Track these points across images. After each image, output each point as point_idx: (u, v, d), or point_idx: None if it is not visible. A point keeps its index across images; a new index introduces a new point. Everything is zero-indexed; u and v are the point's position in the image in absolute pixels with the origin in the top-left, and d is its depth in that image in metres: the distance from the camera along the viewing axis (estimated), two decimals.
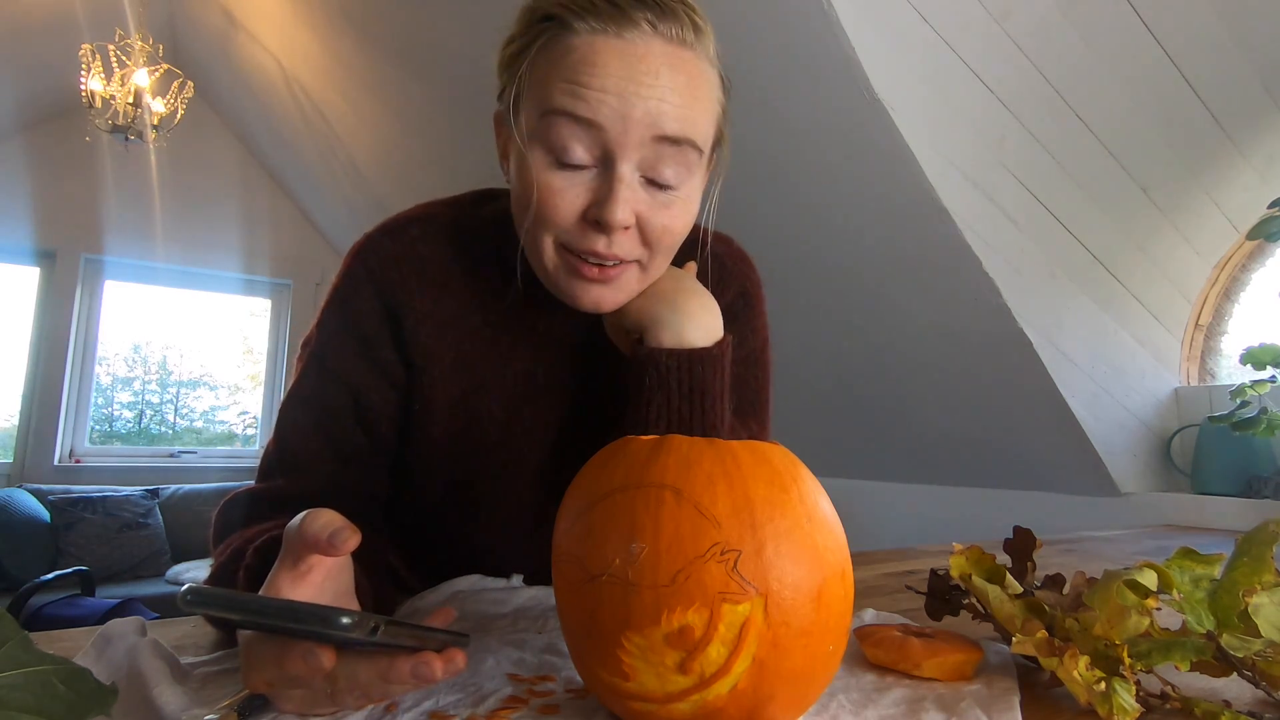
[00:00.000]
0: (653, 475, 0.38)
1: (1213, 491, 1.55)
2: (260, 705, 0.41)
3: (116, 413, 4.70)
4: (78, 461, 4.27)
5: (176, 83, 3.50)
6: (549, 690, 0.45)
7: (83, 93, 3.19)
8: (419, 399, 0.68)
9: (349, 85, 3.39)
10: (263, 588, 0.40)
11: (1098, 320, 1.62)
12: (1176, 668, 0.41)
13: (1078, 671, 0.41)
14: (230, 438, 4.98)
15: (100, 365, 4.53)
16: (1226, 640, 0.41)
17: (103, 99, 3.24)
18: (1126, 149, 1.48)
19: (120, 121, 3.27)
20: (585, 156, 0.54)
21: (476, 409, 0.69)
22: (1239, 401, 1.43)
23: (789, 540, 0.36)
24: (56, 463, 4.16)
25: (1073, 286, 1.57)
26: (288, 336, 4.91)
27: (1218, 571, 0.45)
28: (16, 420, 4.18)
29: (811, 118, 1.49)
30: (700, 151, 0.57)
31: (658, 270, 0.62)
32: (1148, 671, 0.44)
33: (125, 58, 3.29)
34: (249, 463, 4.70)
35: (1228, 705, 0.41)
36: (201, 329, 4.93)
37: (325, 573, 0.40)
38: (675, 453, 0.39)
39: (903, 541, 1.31)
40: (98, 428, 4.54)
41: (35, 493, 3.69)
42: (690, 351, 0.61)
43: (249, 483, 0.65)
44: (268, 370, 4.96)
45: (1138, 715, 0.40)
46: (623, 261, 0.58)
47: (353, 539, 0.38)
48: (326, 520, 0.39)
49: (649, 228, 0.57)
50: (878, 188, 1.49)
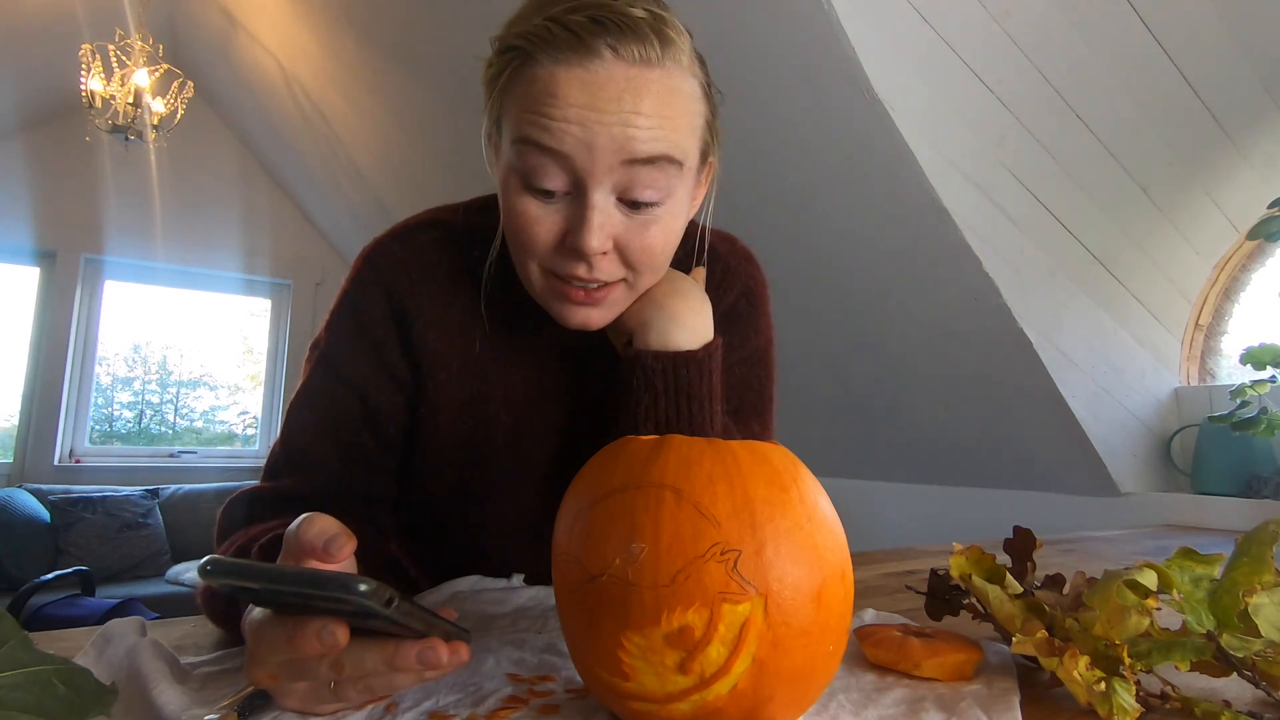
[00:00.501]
0: (653, 475, 0.38)
1: (1213, 491, 1.55)
2: (261, 705, 0.41)
3: (116, 413, 4.70)
4: (78, 461, 4.27)
5: (176, 83, 3.50)
6: (549, 690, 0.45)
7: (83, 93, 3.19)
8: (426, 402, 0.69)
9: (349, 85, 3.39)
10: None
11: (1098, 320, 1.62)
12: (1176, 668, 0.41)
13: (1078, 671, 0.41)
14: (230, 438, 4.98)
15: (100, 365, 4.53)
16: (1226, 640, 0.41)
17: (103, 99, 3.24)
18: (1126, 149, 1.48)
19: (120, 121, 3.27)
20: (558, 184, 0.54)
21: (483, 413, 0.70)
22: (1239, 401, 1.43)
23: (789, 540, 0.36)
24: (56, 463, 4.16)
25: (1073, 286, 1.57)
26: (288, 336, 4.91)
27: (1218, 571, 0.45)
28: (16, 420, 4.18)
29: (811, 118, 1.49)
30: (679, 164, 0.55)
31: (647, 285, 0.62)
32: (1148, 671, 0.44)
33: (125, 58, 3.29)
34: (249, 463, 4.71)
35: (1228, 705, 0.41)
36: (201, 329, 4.93)
37: None
38: (675, 453, 0.39)
39: (903, 541, 1.31)
40: (98, 428, 4.54)
41: (35, 493, 3.69)
42: (675, 354, 0.61)
43: (249, 483, 0.66)
44: (268, 370, 4.96)
45: (1138, 715, 0.40)
46: (607, 284, 0.58)
47: (348, 546, 0.38)
48: (322, 527, 0.39)
49: (629, 250, 0.57)
50: (878, 188, 1.49)
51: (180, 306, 4.83)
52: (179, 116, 3.54)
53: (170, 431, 4.85)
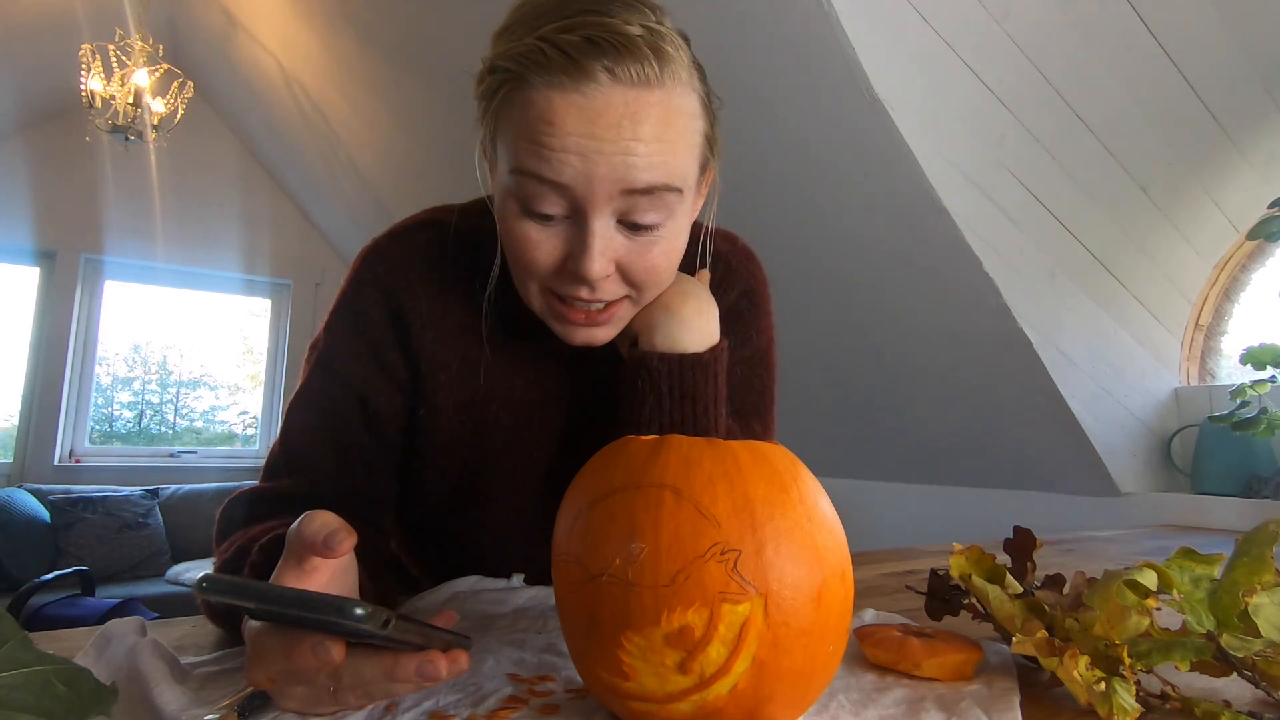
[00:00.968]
0: (653, 475, 0.38)
1: (1213, 491, 1.55)
2: (260, 705, 0.41)
3: (116, 413, 4.70)
4: (78, 461, 4.27)
5: (176, 83, 3.50)
6: (549, 690, 0.45)
7: (83, 93, 3.19)
8: (425, 403, 0.68)
9: (349, 85, 3.40)
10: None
11: (1098, 320, 1.62)
12: (1176, 668, 0.41)
13: (1078, 671, 0.41)
14: (230, 438, 4.98)
15: (100, 365, 4.53)
16: (1226, 640, 0.41)
17: (103, 99, 3.24)
18: (1126, 149, 1.48)
19: (120, 121, 3.28)
20: (557, 210, 0.53)
21: (483, 415, 0.70)
22: (1239, 401, 1.43)
23: (789, 540, 0.36)
24: (56, 463, 4.16)
25: (1073, 286, 1.57)
26: (288, 336, 4.91)
27: (1218, 571, 0.45)
28: (16, 420, 4.18)
29: (812, 118, 1.49)
30: (679, 191, 0.54)
31: (651, 299, 0.61)
32: (1148, 671, 0.44)
33: (125, 58, 3.29)
34: (249, 463, 4.71)
35: (1228, 705, 0.41)
36: (201, 329, 4.94)
37: (330, 572, 0.41)
38: (675, 453, 0.39)
39: (903, 541, 1.31)
40: (98, 428, 4.54)
41: (35, 493, 3.69)
42: (682, 357, 0.61)
43: (249, 483, 0.66)
44: (268, 370, 4.96)
45: (1138, 715, 0.40)
46: (610, 303, 0.58)
47: (348, 541, 0.38)
48: (323, 522, 0.39)
49: (631, 270, 0.56)
50: (878, 188, 1.49)
51: (180, 306, 4.84)
52: (179, 116, 3.55)
53: (170, 431, 4.85)
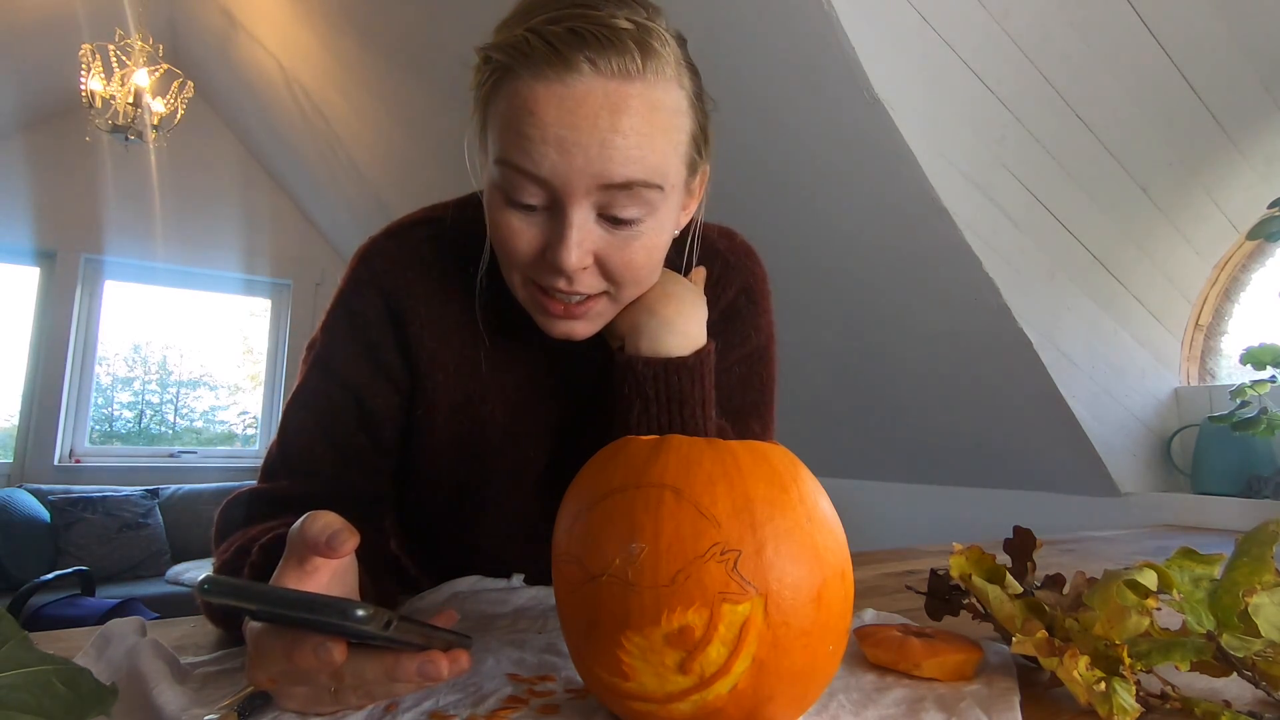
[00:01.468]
0: (653, 475, 0.38)
1: (1213, 491, 1.55)
2: (260, 705, 0.41)
3: (116, 413, 4.70)
4: (78, 461, 4.27)
5: (176, 83, 3.50)
6: (549, 690, 0.45)
7: (83, 93, 3.19)
8: (422, 402, 0.68)
9: (349, 85, 3.39)
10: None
11: (1098, 320, 1.62)
12: (1176, 668, 0.41)
13: (1078, 671, 0.41)
14: (230, 438, 4.98)
15: (100, 365, 4.53)
16: (1226, 640, 0.41)
17: (103, 99, 3.24)
18: (1126, 149, 1.48)
19: (120, 121, 3.28)
20: (538, 200, 0.54)
21: (479, 413, 0.70)
22: (1239, 401, 1.43)
23: (789, 540, 0.36)
24: (56, 463, 4.16)
25: (1073, 286, 1.57)
26: (288, 336, 4.91)
27: (1218, 571, 0.45)
28: (16, 420, 4.18)
29: (812, 118, 1.49)
30: (659, 188, 0.54)
31: (631, 297, 0.61)
32: (1148, 671, 0.44)
33: (125, 58, 3.29)
34: (249, 463, 4.71)
35: (1228, 705, 0.41)
36: (201, 329, 4.93)
37: (331, 573, 0.41)
38: (675, 453, 0.39)
39: (903, 541, 1.31)
40: (98, 428, 4.54)
41: (35, 493, 3.69)
42: (667, 361, 0.61)
43: (249, 483, 0.65)
44: (268, 370, 4.96)
45: (1138, 715, 0.40)
46: (589, 297, 0.58)
47: (351, 541, 0.38)
48: (325, 523, 0.39)
49: (609, 265, 0.56)
50: (878, 188, 1.49)
51: (180, 306, 4.84)
52: (179, 116, 3.55)
53: (170, 431, 4.85)
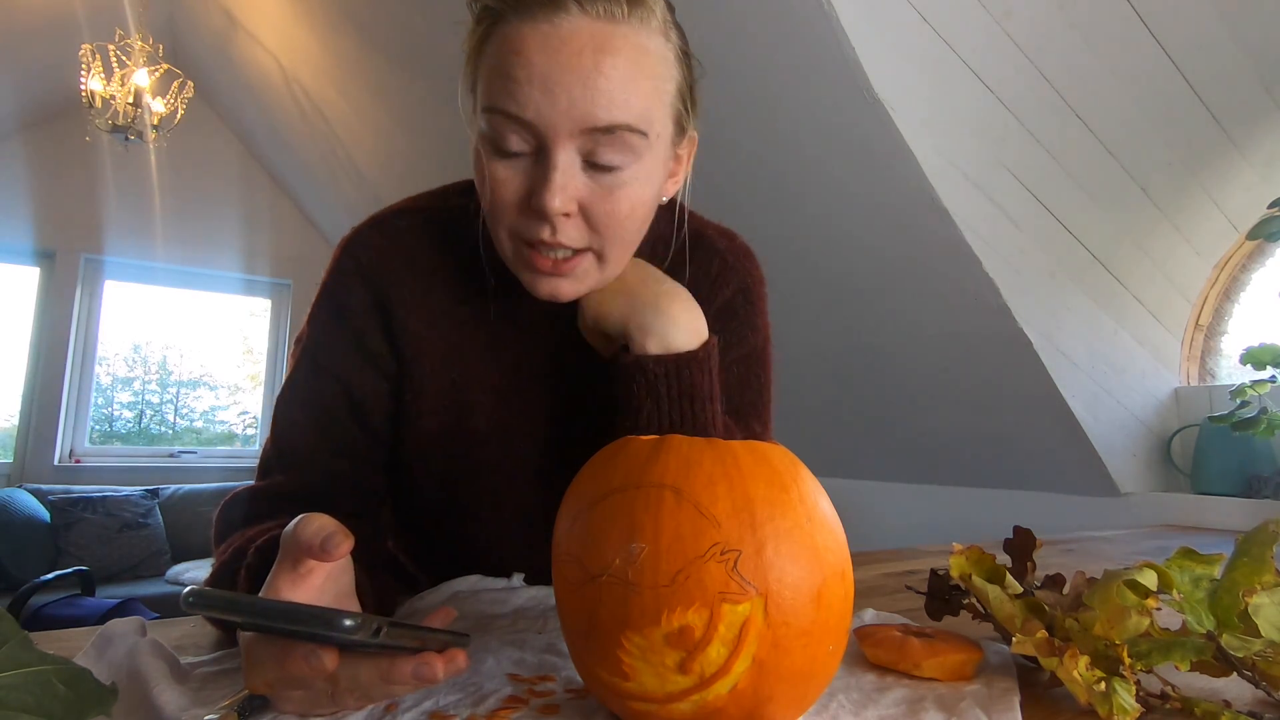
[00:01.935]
0: (653, 475, 0.38)
1: (1213, 491, 1.55)
2: (260, 705, 0.41)
3: (116, 413, 4.70)
4: (78, 461, 4.27)
5: (176, 83, 3.51)
6: (549, 690, 0.45)
7: (83, 93, 3.19)
8: (411, 391, 0.68)
9: (349, 85, 3.39)
10: (262, 590, 0.40)
11: (1098, 320, 1.62)
12: (1176, 668, 0.41)
13: (1078, 671, 0.41)
14: (230, 438, 4.98)
15: (100, 365, 4.53)
16: (1226, 640, 0.41)
17: (103, 99, 3.24)
18: (1126, 149, 1.48)
19: (120, 121, 3.28)
20: (523, 146, 0.54)
21: (467, 400, 0.69)
22: (1239, 401, 1.43)
23: (789, 540, 0.36)
24: (56, 463, 4.16)
25: (1073, 286, 1.57)
26: (288, 336, 4.92)
27: (1218, 571, 0.45)
28: (16, 420, 4.18)
29: (812, 118, 1.49)
30: (642, 134, 0.54)
31: (617, 259, 0.60)
32: (1148, 671, 0.44)
33: (125, 58, 3.29)
34: (249, 463, 4.70)
35: (1228, 705, 0.41)
36: (201, 329, 4.94)
37: (325, 574, 0.40)
38: (675, 453, 0.39)
39: (903, 541, 1.31)
40: (98, 428, 4.54)
41: (35, 493, 3.69)
42: (677, 356, 0.60)
43: (249, 482, 0.65)
44: (268, 370, 4.96)
45: (1138, 715, 0.40)
46: (575, 252, 0.57)
47: (345, 544, 0.38)
48: (319, 525, 0.39)
49: (593, 214, 0.55)
50: (878, 188, 1.49)
51: (180, 306, 4.84)
52: (179, 116, 3.55)
53: (170, 431, 4.85)
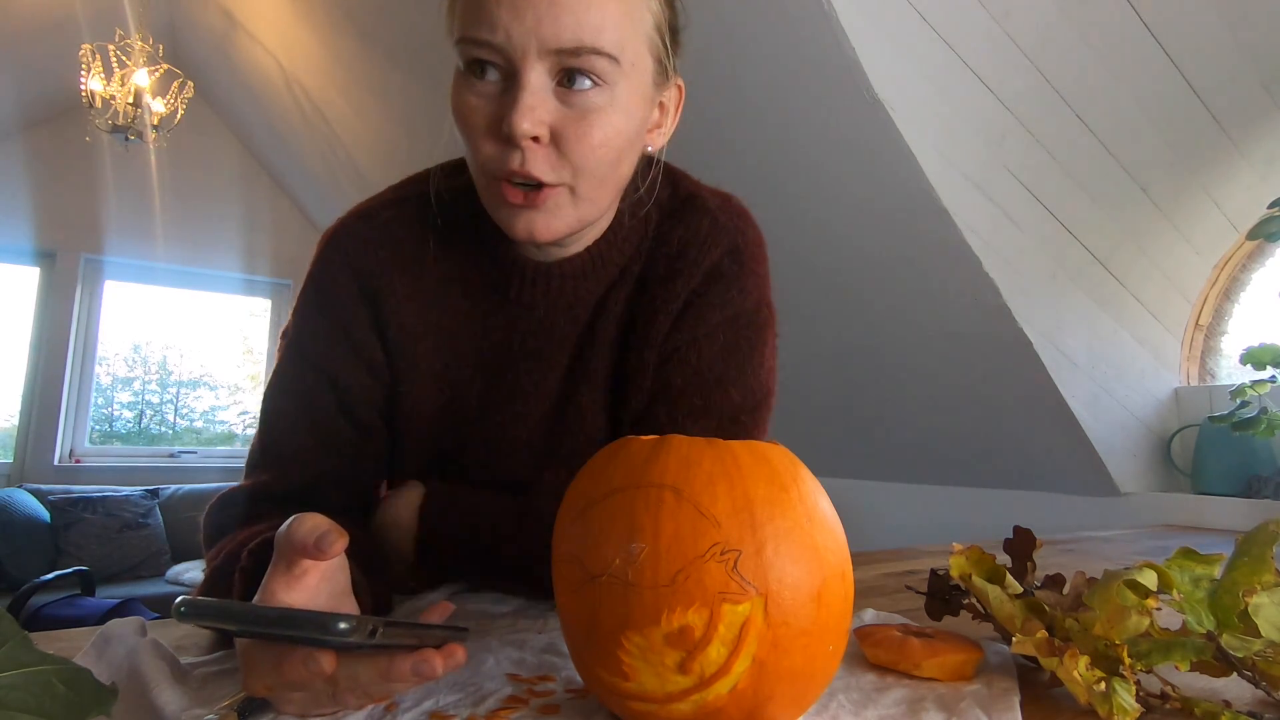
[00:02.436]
0: (653, 475, 0.38)
1: (1213, 491, 1.55)
2: (260, 705, 0.41)
3: (116, 413, 4.70)
4: (78, 461, 4.27)
5: (176, 83, 3.51)
6: (549, 690, 0.45)
7: (83, 93, 3.19)
8: (404, 378, 0.68)
9: (349, 85, 3.39)
10: (258, 593, 0.40)
11: (1098, 320, 1.62)
12: (1176, 668, 0.41)
13: (1078, 671, 0.41)
14: (230, 438, 4.98)
15: (100, 365, 4.53)
16: (1226, 640, 0.41)
17: (103, 99, 3.24)
18: (1126, 149, 1.48)
19: (120, 121, 3.28)
20: (495, 74, 0.54)
21: (458, 381, 0.69)
22: (1239, 401, 1.43)
23: (789, 540, 0.36)
24: (56, 463, 4.16)
25: (1073, 286, 1.57)
26: None
27: (1218, 571, 0.45)
28: (16, 420, 4.18)
29: (811, 118, 1.49)
30: (614, 59, 0.53)
31: (592, 195, 0.58)
32: (1148, 671, 0.44)
33: (125, 58, 3.29)
34: None
35: (1228, 705, 0.41)
36: (201, 329, 4.94)
37: (320, 574, 0.40)
38: (675, 453, 0.39)
39: (903, 541, 1.31)
40: (98, 428, 4.54)
41: (35, 493, 3.69)
42: None
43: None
44: (268, 370, 4.95)
45: (1138, 715, 0.40)
46: (546, 185, 0.55)
47: (340, 542, 0.38)
48: (313, 525, 0.38)
49: (564, 140, 0.54)
50: (878, 188, 1.49)
51: (180, 306, 4.84)
52: (179, 116, 3.55)
53: (170, 431, 4.85)
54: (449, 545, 0.66)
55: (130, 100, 3.28)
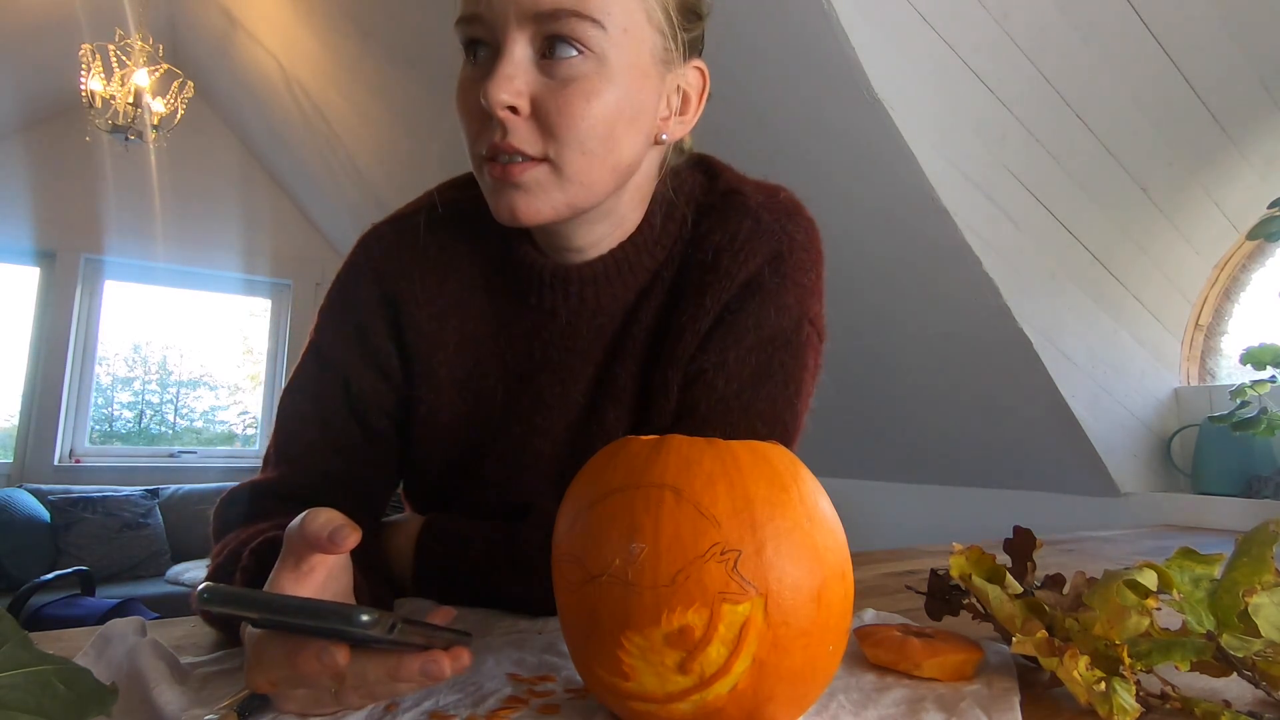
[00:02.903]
0: (653, 475, 0.38)
1: (1213, 491, 1.55)
2: (260, 705, 0.41)
3: (116, 413, 4.70)
4: (78, 461, 4.27)
5: (176, 83, 3.51)
6: (549, 690, 0.45)
7: (83, 93, 3.19)
8: (424, 386, 0.67)
9: (349, 85, 3.40)
10: (265, 589, 0.40)
11: (1098, 320, 1.62)
12: (1176, 668, 0.41)
13: (1078, 671, 0.41)
14: (230, 438, 4.98)
15: (100, 365, 4.53)
16: (1226, 640, 0.41)
17: (103, 99, 3.24)
18: (1126, 149, 1.48)
19: (120, 121, 3.28)
20: (485, 51, 0.54)
21: (479, 390, 0.68)
22: (1239, 401, 1.43)
23: (789, 540, 0.36)
24: (56, 463, 4.16)
25: (1073, 286, 1.57)
26: (288, 336, 4.91)
27: (1218, 571, 0.45)
28: (16, 420, 4.18)
29: (812, 118, 1.49)
30: (597, 24, 0.51)
31: (577, 172, 0.54)
32: (1148, 671, 0.44)
33: (125, 58, 3.29)
34: (249, 463, 4.71)
35: (1228, 705, 0.41)
36: (201, 329, 4.94)
37: (327, 573, 0.40)
38: (675, 453, 0.39)
39: (903, 541, 1.31)
40: (98, 428, 4.54)
41: (35, 493, 3.69)
42: None
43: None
44: (268, 370, 4.96)
45: (1138, 715, 0.40)
46: (527, 158, 0.53)
47: (353, 536, 0.38)
48: (327, 519, 0.39)
49: (545, 112, 0.52)
50: (878, 188, 1.49)
51: (180, 306, 4.84)
52: (179, 116, 3.55)
53: (170, 431, 4.85)
54: (444, 579, 0.65)
55: (130, 100, 3.28)
